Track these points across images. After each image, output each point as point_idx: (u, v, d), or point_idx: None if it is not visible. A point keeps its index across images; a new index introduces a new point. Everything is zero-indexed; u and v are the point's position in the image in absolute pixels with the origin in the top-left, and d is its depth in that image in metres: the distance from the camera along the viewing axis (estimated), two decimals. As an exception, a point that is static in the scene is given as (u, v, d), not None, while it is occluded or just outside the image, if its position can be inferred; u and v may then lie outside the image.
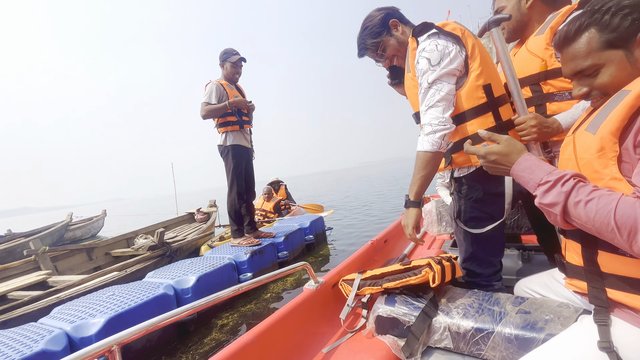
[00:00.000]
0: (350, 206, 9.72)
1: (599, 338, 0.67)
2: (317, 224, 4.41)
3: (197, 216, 5.74)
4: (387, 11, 1.24)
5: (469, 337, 0.93)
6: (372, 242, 2.00)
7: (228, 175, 3.18)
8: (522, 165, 0.72)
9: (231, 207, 3.20)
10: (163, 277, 2.59)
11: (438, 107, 1.06)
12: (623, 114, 0.61)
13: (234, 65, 3.12)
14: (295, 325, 1.19)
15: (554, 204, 0.64)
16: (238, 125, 3.09)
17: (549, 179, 0.65)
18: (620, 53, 0.66)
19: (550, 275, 1.03)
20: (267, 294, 3.06)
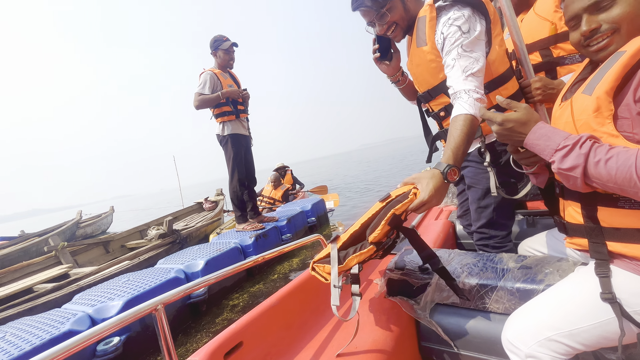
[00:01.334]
0: (355, 188, 9.85)
1: (601, 290, 0.70)
2: (318, 206, 4.53)
3: (206, 205, 5.90)
4: None
5: (474, 292, 0.99)
6: None
7: (228, 163, 3.27)
8: (538, 133, 0.71)
9: (234, 194, 3.32)
10: (174, 262, 2.74)
11: (478, 77, 1.01)
12: (617, 74, 0.63)
13: (226, 52, 3.14)
14: (312, 290, 1.25)
15: (574, 167, 0.64)
16: (234, 115, 3.15)
17: (566, 143, 0.65)
18: None
19: (550, 234, 1.08)
20: (274, 275, 3.21)
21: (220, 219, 5.35)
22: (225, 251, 2.84)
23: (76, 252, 4.22)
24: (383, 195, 1.00)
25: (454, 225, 1.97)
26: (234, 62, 3.26)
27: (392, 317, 1.10)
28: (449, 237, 1.87)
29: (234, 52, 3.21)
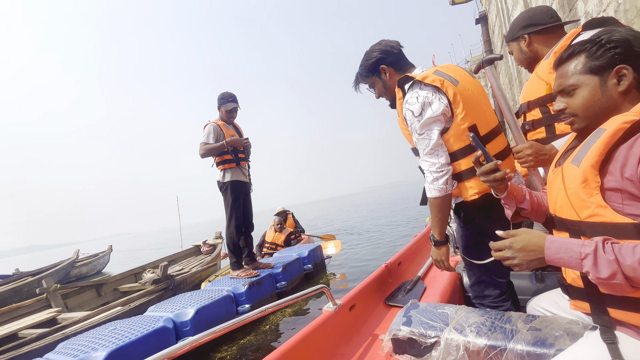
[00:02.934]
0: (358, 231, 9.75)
1: (611, 357, 0.69)
2: (315, 253, 4.49)
3: (203, 248, 5.87)
4: (381, 55, 1.30)
5: (482, 354, 0.97)
6: (386, 265, 2.03)
7: (227, 209, 3.36)
8: (553, 247, 0.71)
9: (230, 240, 3.35)
10: (163, 310, 2.69)
11: (432, 154, 1.16)
12: (600, 150, 0.69)
13: (228, 112, 3.42)
14: (316, 346, 1.23)
15: (613, 275, 0.62)
16: (234, 162, 3.32)
17: (586, 251, 0.65)
18: (595, 79, 0.75)
19: (559, 293, 1.05)
20: (266, 326, 3.11)
21: (217, 264, 5.28)
22: (216, 300, 2.79)
23: (67, 295, 4.15)
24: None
25: (461, 277, 1.92)
26: (234, 119, 3.53)
27: None
28: (455, 290, 1.84)
29: (235, 112, 3.49)
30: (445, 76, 1.18)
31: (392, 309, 1.69)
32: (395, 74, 1.32)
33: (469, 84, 1.22)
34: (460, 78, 1.21)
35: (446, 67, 1.25)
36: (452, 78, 1.18)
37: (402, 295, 1.76)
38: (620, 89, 0.73)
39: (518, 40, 1.39)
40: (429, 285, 1.86)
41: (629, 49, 0.71)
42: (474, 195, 1.20)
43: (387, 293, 1.85)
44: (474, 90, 1.21)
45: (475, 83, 1.26)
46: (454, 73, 1.22)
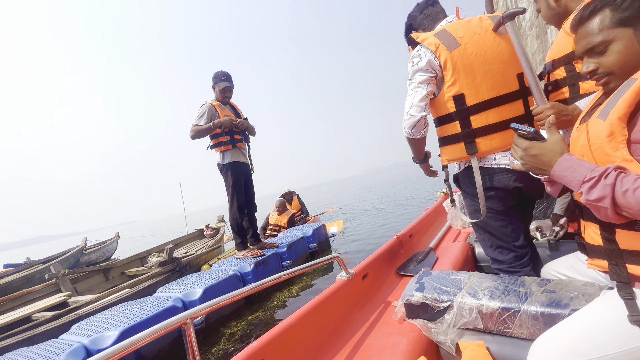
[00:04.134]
0: (361, 212, 9.81)
1: (628, 312, 0.69)
2: (319, 232, 4.52)
3: (206, 232, 5.93)
4: (411, 20, 1.41)
5: (496, 316, 0.98)
6: (397, 237, 2.05)
7: (228, 191, 3.35)
8: (564, 165, 0.72)
9: (233, 221, 3.36)
10: (172, 291, 2.74)
11: (409, 97, 1.25)
12: (630, 100, 0.66)
13: (222, 91, 3.33)
14: (331, 311, 1.27)
15: (601, 198, 0.65)
16: (230, 144, 3.27)
17: (592, 175, 0.66)
18: (629, 31, 0.70)
19: (575, 257, 1.06)
20: (273, 302, 3.17)
21: (221, 246, 5.34)
22: (224, 279, 2.84)
23: (76, 279, 4.23)
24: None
25: (473, 248, 1.94)
26: (229, 99, 3.44)
27: (412, 341, 1.09)
28: (468, 260, 1.85)
29: (230, 92, 3.39)
30: (445, 39, 1.18)
31: (404, 279, 1.72)
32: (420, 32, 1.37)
33: (478, 45, 1.17)
34: (468, 39, 1.17)
35: (458, 25, 1.22)
36: (454, 40, 1.17)
37: (414, 265, 1.79)
38: None
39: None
40: (441, 256, 1.88)
41: None
42: (444, 161, 1.33)
43: (398, 264, 1.88)
44: (482, 54, 1.16)
45: (490, 44, 1.18)
46: (464, 32, 1.19)
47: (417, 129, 1.25)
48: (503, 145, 1.19)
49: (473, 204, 1.31)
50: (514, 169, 0.99)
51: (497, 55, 1.18)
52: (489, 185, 1.22)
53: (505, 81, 1.18)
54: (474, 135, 1.19)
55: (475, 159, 1.21)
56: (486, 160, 1.22)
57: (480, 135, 1.19)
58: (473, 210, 1.32)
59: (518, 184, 1.18)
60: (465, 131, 1.20)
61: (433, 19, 1.35)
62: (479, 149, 1.19)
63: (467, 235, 2.17)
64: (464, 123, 1.20)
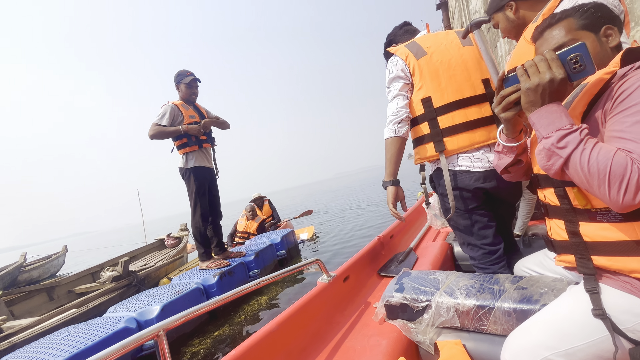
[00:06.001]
0: (335, 215, 9.79)
1: (592, 306, 0.74)
2: (288, 238, 4.41)
3: (168, 242, 5.55)
4: (390, 37, 1.58)
5: (472, 314, 1.01)
6: (378, 238, 2.06)
7: (191, 198, 3.15)
8: (555, 107, 0.73)
9: (196, 230, 3.16)
10: (125, 309, 2.49)
11: (392, 102, 1.35)
12: (584, 100, 0.75)
13: (188, 86, 3.13)
14: (312, 315, 1.27)
15: (564, 147, 0.69)
16: (196, 145, 3.08)
17: (573, 128, 0.70)
18: (592, 35, 0.79)
19: (544, 254, 1.13)
20: (241, 316, 3.01)
21: (183, 256, 5.03)
22: (185, 293, 2.63)
23: (13, 301, 3.73)
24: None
25: (452, 247, 1.99)
26: (196, 96, 3.25)
27: (392, 342, 1.11)
28: (447, 259, 1.90)
29: (196, 87, 3.21)
30: (414, 48, 1.32)
31: (385, 279, 1.74)
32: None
33: (443, 54, 1.31)
34: (434, 49, 1.32)
35: (427, 37, 1.38)
36: (421, 50, 1.31)
37: (395, 266, 1.81)
38: (611, 45, 0.79)
39: (503, 10, 1.34)
40: (421, 256, 1.91)
41: (608, 12, 0.80)
42: (417, 160, 1.41)
43: (380, 264, 1.89)
44: (447, 61, 1.30)
45: (455, 53, 1.32)
46: (431, 43, 1.34)
47: (402, 124, 1.33)
48: (470, 144, 1.26)
49: (443, 203, 1.40)
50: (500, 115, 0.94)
51: (461, 62, 1.30)
52: (454, 185, 1.30)
53: (469, 85, 1.29)
54: (442, 135, 1.29)
55: (443, 156, 1.30)
56: (450, 163, 1.31)
57: (448, 134, 1.28)
58: (444, 208, 1.41)
59: (479, 184, 1.25)
60: (433, 131, 1.30)
61: (411, 34, 1.52)
62: (446, 147, 1.28)
63: (447, 234, 2.21)
64: (432, 123, 1.30)
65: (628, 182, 0.63)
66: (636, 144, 0.65)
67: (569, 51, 0.72)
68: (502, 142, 0.97)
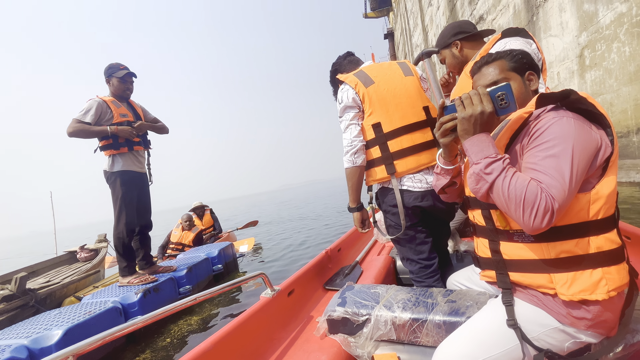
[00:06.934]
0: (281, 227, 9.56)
1: (507, 317, 0.83)
2: (226, 252, 4.17)
3: (81, 255, 4.79)
4: (335, 66, 1.65)
5: (407, 327, 1.06)
6: (326, 251, 2.08)
7: (115, 204, 2.79)
8: (482, 138, 0.83)
9: (118, 240, 2.79)
10: (15, 336, 2.04)
11: (346, 132, 1.42)
12: (506, 135, 0.86)
13: (121, 80, 2.81)
14: (252, 332, 1.23)
15: (490, 173, 0.79)
16: (126, 147, 2.77)
17: (498, 157, 0.80)
18: (519, 77, 0.93)
19: (472, 269, 1.22)
20: (166, 338, 2.70)
21: (100, 272, 4.39)
22: (97, 314, 2.27)
23: None
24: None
25: (395, 261, 2.07)
26: (131, 92, 2.93)
27: (331, 357, 1.11)
28: (389, 272, 1.97)
29: (131, 83, 2.90)
30: (362, 77, 1.41)
31: (330, 293, 1.75)
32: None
33: (388, 83, 1.41)
34: (380, 78, 1.41)
35: (373, 67, 1.47)
36: (369, 79, 1.40)
37: (340, 280, 1.83)
38: (532, 88, 0.93)
39: (450, 47, 1.56)
40: (366, 269, 1.96)
41: (531, 60, 0.94)
42: (370, 182, 1.48)
43: (326, 278, 1.90)
44: (392, 90, 1.40)
45: (399, 83, 1.42)
46: (377, 72, 1.43)
47: (358, 154, 1.40)
48: (417, 166, 1.37)
49: (387, 219, 1.49)
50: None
51: (405, 91, 1.41)
52: (393, 203, 1.40)
53: (413, 112, 1.40)
54: (392, 158, 1.37)
55: (394, 178, 1.38)
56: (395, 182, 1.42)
57: (397, 157, 1.37)
58: (387, 225, 1.50)
59: (418, 203, 1.36)
60: (384, 154, 1.38)
61: (355, 64, 1.60)
62: (396, 169, 1.37)
63: (391, 248, 2.30)
64: (383, 147, 1.38)
65: (537, 208, 0.72)
66: (545, 176, 0.75)
67: (497, 89, 0.83)
68: (440, 164, 1.07)
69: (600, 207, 0.76)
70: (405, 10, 19.06)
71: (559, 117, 0.78)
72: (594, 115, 0.80)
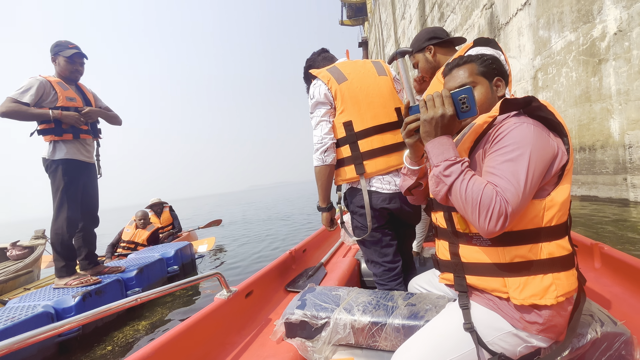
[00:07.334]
0: (245, 228, 9.24)
1: (463, 320, 0.83)
2: (184, 252, 3.92)
3: (12, 252, 4.25)
4: (309, 62, 1.61)
5: (366, 331, 1.04)
6: (290, 252, 2.02)
7: (55, 196, 2.49)
8: (444, 140, 0.84)
9: (56, 237, 2.49)
10: None
11: (316, 129, 1.39)
12: (470, 138, 0.86)
13: (69, 61, 2.53)
14: (202, 336, 1.16)
15: (449, 176, 0.80)
16: (71, 133, 2.49)
17: (457, 159, 0.81)
18: (486, 82, 0.94)
19: (433, 272, 1.23)
20: (106, 347, 2.44)
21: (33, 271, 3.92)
22: (21, 321, 1.98)
23: None
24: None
25: (360, 263, 2.03)
26: (80, 75, 2.65)
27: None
28: (354, 275, 1.94)
29: (81, 65, 2.62)
30: (335, 74, 1.37)
31: (291, 295, 1.68)
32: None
33: (362, 81, 1.38)
34: (354, 76, 1.39)
35: (347, 64, 1.44)
36: (342, 75, 1.37)
37: (303, 281, 1.78)
38: (498, 94, 0.95)
39: (424, 51, 1.59)
40: (330, 271, 1.91)
41: (501, 66, 0.96)
42: (338, 182, 1.44)
43: (289, 279, 1.84)
44: (365, 88, 1.37)
45: (372, 82, 1.40)
46: (351, 70, 1.40)
47: (328, 152, 1.37)
48: (386, 168, 1.35)
49: (353, 220, 1.47)
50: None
51: (378, 91, 1.39)
52: (361, 204, 1.38)
53: (385, 113, 1.38)
54: (362, 158, 1.35)
55: (363, 179, 1.36)
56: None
57: (367, 158, 1.34)
58: (354, 226, 1.47)
59: (385, 205, 1.35)
60: (354, 154, 1.35)
61: (329, 60, 1.57)
62: (366, 170, 1.35)
63: (356, 251, 2.27)
64: (353, 147, 1.35)
65: (492, 211, 0.73)
66: (501, 180, 0.76)
67: (459, 92, 0.83)
68: (406, 164, 1.07)
69: (554, 214, 0.78)
70: (379, 21, 19.67)
71: (520, 123, 0.79)
72: (552, 124, 0.82)
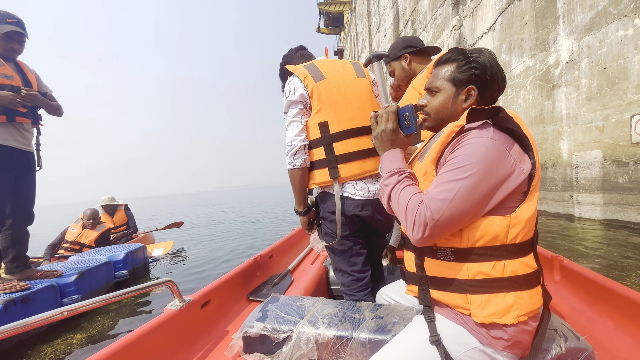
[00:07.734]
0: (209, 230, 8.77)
1: (429, 334, 0.80)
2: (136, 255, 3.60)
3: None
4: (286, 59, 1.55)
5: (331, 345, 0.97)
6: (255, 258, 1.93)
7: (-22, 187, 2.16)
8: (394, 153, 0.90)
9: (-23, 235, 2.15)
10: None
11: (287, 129, 1.33)
12: (437, 148, 0.82)
13: (6, 37, 2.22)
14: (146, 352, 1.05)
15: (388, 185, 0.85)
16: (4, 115, 2.18)
17: (398, 170, 0.85)
18: (453, 89, 0.88)
19: (401, 283, 1.19)
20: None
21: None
22: None
23: None
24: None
25: (328, 271, 1.95)
26: (17, 53, 2.34)
27: None
28: (321, 283, 1.86)
29: (19, 43, 2.31)
30: (313, 71, 1.32)
31: (254, 304, 1.58)
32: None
33: (340, 81, 1.33)
34: (332, 75, 1.33)
35: (325, 62, 1.39)
36: (320, 73, 1.32)
37: (267, 289, 1.68)
38: (464, 106, 0.88)
39: (400, 59, 1.60)
40: (297, 279, 1.83)
41: (483, 75, 0.86)
42: (311, 185, 1.37)
43: (252, 287, 1.72)
44: (343, 89, 1.32)
45: (350, 83, 1.35)
46: (329, 68, 1.35)
47: (298, 155, 1.31)
48: (361, 173, 1.30)
49: (323, 226, 1.41)
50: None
51: (356, 92, 1.35)
52: (332, 210, 1.32)
53: (363, 116, 1.33)
54: (336, 162, 1.29)
55: (337, 183, 1.30)
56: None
57: (342, 161, 1.29)
58: (324, 232, 1.42)
59: (357, 212, 1.30)
60: (329, 157, 1.30)
61: (307, 58, 1.52)
62: (340, 174, 1.29)
63: (325, 258, 2.20)
64: (328, 149, 1.30)
65: (415, 219, 0.75)
66: (433, 190, 0.76)
67: (404, 109, 0.89)
68: (380, 172, 1.04)
69: (519, 232, 0.76)
70: (355, 32, 20.17)
71: (478, 138, 0.76)
72: (518, 136, 0.80)
